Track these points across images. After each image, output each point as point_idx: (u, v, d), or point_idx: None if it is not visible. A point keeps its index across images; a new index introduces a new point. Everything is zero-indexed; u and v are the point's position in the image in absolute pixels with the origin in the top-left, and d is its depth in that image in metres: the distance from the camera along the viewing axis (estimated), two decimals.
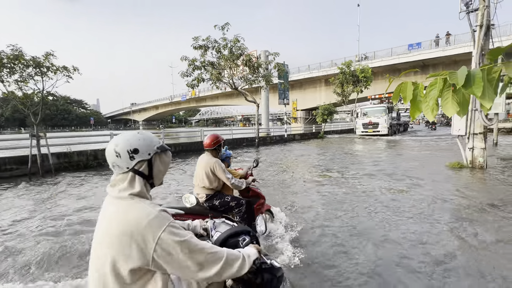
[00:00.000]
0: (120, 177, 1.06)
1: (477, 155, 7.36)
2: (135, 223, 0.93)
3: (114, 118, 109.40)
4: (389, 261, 2.64)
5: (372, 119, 21.48)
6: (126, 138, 1.06)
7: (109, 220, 0.98)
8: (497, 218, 3.68)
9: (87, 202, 4.96)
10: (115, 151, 1.04)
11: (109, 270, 0.92)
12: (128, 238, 0.92)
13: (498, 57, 1.06)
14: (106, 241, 0.96)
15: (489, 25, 6.86)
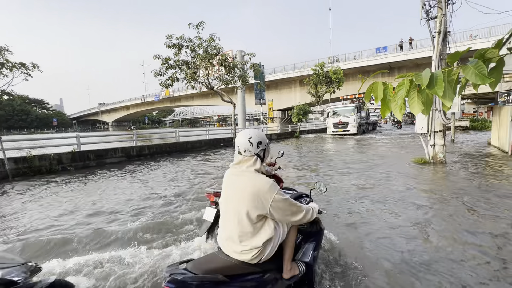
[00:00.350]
0: (247, 158, 1.62)
1: (438, 151, 8.01)
2: (261, 188, 1.52)
3: (80, 119, 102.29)
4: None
5: (342, 119, 21.94)
6: (255, 133, 1.65)
7: (244, 186, 1.56)
8: (453, 203, 4.29)
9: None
10: (249, 141, 1.61)
11: (244, 214, 1.54)
12: (256, 197, 1.52)
13: (456, 60, 1.17)
14: (243, 198, 1.54)
15: (446, 32, 7.50)
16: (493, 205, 4.14)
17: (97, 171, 8.42)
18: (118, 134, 13.99)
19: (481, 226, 3.39)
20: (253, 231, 1.55)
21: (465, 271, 2.42)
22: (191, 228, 3.47)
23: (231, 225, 1.59)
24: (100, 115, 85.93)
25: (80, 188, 6.18)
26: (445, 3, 7.29)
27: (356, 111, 21.87)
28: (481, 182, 5.51)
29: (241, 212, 1.54)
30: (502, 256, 2.64)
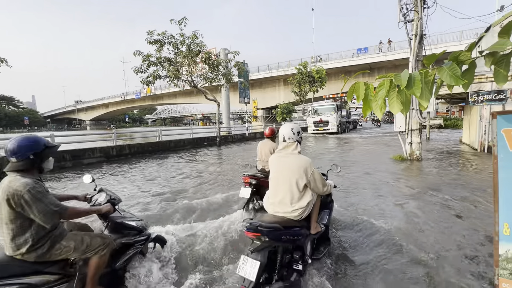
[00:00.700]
0: (290, 144, 2.25)
1: (414, 148, 8.40)
2: (304, 164, 2.13)
3: (55, 118, 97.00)
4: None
5: (323, 117, 21.72)
6: (295, 126, 2.29)
7: (292, 164, 2.16)
8: (427, 195, 4.73)
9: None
10: (292, 131, 2.24)
11: (294, 184, 2.13)
12: (302, 170, 2.11)
13: (432, 62, 1.21)
14: (292, 172, 2.13)
15: (422, 34, 7.86)
16: (446, 186, 4.47)
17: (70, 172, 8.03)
18: (97, 133, 13.38)
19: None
20: (299, 196, 2.17)
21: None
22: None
23: (283, 193, 2.19)
24: (76, 113, 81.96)
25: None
26: (421, 7, 7.63)
27: (336, 110, 21.81)
28: (450, 176, 5.86)
29: (291, 182, 2.16)
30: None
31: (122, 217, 2.40)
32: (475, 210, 3.98)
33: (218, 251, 2.93)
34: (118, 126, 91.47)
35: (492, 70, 1.18)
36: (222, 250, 2.95)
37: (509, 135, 1.45)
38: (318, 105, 23.56)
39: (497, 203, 1.57)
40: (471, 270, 2.51)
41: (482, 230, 3.31)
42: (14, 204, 1.64)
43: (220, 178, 6.73)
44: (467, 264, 2.63)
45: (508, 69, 1.17)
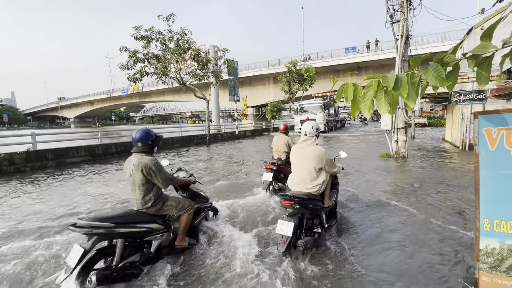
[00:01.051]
0: (310, 137, 2.98)
1: (400, 146, 8.62)
2: (320, 153, 2.84)
3: (36, 115, 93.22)
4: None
5: (309, 116, 20.91)
6: (315, 123, 3.08)
7: (311, 152, 2.87)
8: (410, 189, 4.94)
9: None
10: (312, 128, 3.00)
11: (312, 167, 2.85)
12: (318, 157, 2.83)
13: (418, 64, 1.24)
14: (311, 158, 2.84)
15: (408, 35, 8.05)
16: (428, 181, 4.63)
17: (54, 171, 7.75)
18: (81, 132, 12.97)
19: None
20: (316, 176, 2.89)
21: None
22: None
23: (304, 174, 2.92)
24: (59, 110, 79.02)
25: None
26: (407, 8, 7.80)
27: (323, 108, 21.46)
28: (433, 171, 6.08)
29: (310, 167, 2.87)
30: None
31: (196, 189, 3.34)
32: (445, 201, 4.15)
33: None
34: (104, 124, 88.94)
35: (475, 71, 1.22)
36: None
37: (489, 134, 1.52)
38: (305, 103, 23.16)
39: (478, 200, 1.63)
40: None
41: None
42: (146, 173, 2.42)
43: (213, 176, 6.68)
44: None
45: (490, 71, 1.21)
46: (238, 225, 3.59)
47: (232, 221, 3.70)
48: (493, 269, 1.63)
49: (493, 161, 1.52)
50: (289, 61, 25.71)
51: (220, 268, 2.57)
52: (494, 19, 8.56)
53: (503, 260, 1.59)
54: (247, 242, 2.97)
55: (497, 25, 1.12)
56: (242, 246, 2.88)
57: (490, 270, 1.66)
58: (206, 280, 2.41)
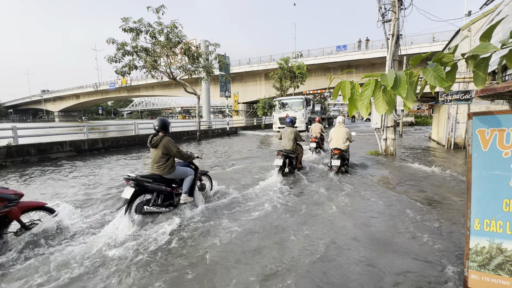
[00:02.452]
0: (341, 124, 6.56)
1: (389, 144, 8.78)
2: (347, 131, 6.45)
3: (18, 108, 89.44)
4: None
5: (289, 113, 18.85)
6: (343, 118, 6.88)
7: (342, 130, 6.42)
8: (398, 183, 4.77)
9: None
10: (343, 120, 6.68)
11: (343, 137, 6.37)
12: (346, 133, 6.40)
13: (417, 63, 1.22)
14: (342, 133, 6.39)
15: (398, 35, 8.14)
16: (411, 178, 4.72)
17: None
18: (66, 126, 12.51)
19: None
20: (345, 140, 6.31)
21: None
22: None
23: (340, 140, 6.30)
24: (43, 103, 76.07)
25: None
26: (398, 7, 7.87)
27: (305, 105, 19.22)
28: (419, 169, 6.23)
29: (343, 137, 6.31)
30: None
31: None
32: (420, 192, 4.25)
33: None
34: (90, 118, 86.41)
35: (466, 71, 1.21)
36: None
37: (483, 135, 1.53)
38: (285, 98, 21.05)
39: (470, 200, 1.65)
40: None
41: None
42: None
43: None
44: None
45: (487, 72, 1.20)
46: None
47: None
48: (482, 268, 1.66)
49: (485, 162, 1.54)
50: (281, 58, 25.66)
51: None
52: (481, 21, 8.78)
53: (492, 259, 1.62)
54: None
55: (496, 26, 1.11)
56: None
57: (479, 269, 1.69)
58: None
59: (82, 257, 2.65)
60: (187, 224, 3.50)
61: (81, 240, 3.04)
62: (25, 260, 2.62)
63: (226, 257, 2.68)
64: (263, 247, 2.89)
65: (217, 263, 2.58)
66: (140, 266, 2.53)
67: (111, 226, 3.25)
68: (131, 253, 2.73)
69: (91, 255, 2.68)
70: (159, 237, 3.08)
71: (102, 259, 2.63)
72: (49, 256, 2.66)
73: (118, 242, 2.95)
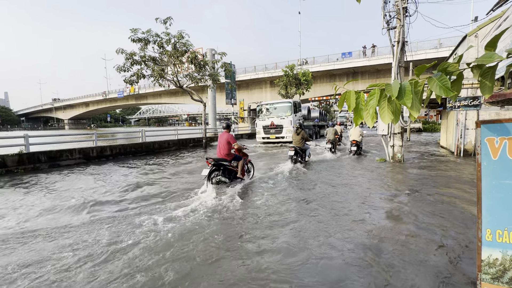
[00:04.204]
0: (358, 127, 10.81)
1: (396, 151, 8.66)
2: (361, 130, 11.03)
3: (30, 116, 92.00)
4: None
5: (275, 121, 15.42)
6: (360, 130, 11.21)
7: (357, 130, 10.67)
8: (403, 192, 4.59)
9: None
10: (361, 128, 13.14)
11: (358, 133, 10.77)
12: (360, 131, 10.80)
13: (422, 72, 1.22)
14: (357, 131, 10.69)
15: (404, 41, 8.13)
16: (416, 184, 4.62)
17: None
18: (75, 134, 12.78)
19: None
20: (359, 135, 10.68)
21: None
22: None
23: (355, 136, 10.64)
24: (54, 111, 78.10)
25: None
26: (403, 15, 7.90)
27: (294, 110, 15.57)
28: (427, 178, 6.10)
29: (358, 134, 10.66)
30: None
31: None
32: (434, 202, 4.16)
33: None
34: (99, 125, 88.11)
35: (471, 77, 1.20)
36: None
37: (492, 144, 1.51)
38: (269, 102, 17.16)
39: (480, 210, 1.61)
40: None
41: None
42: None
43: None
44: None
45: (494, 81, 1.19)
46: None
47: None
48: (495, 280, 1.61)
49: (495, 171, 1.51)
50: (286, 65, 25.86)
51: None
52: (488, 27, 8.71)
53: (506, 271, 1.57)
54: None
55: (501, 35, 1.11)
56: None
57: (492, 281, 1.64)
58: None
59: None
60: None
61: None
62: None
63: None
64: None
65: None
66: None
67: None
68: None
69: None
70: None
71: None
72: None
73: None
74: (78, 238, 3.32)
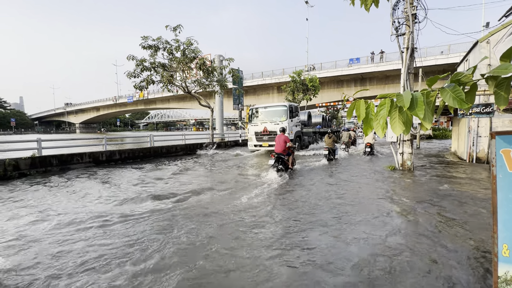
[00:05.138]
0: (372, 133, 11.91)
1: (406, 158, 8.49)
2: (373, 133, 11.97)
3: (43, 120, 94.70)
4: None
5: (268, 126, 13.54)
6: (373, 135, 12.95)
7: (371, 134, 11.82)
8: (411, 202, 4.35)
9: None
10: (374, 132, 11.83)
11: (372, 136, 12.57)
12: (373, 134, 11.84)
13: (434, 83, 1.20)
14: (372, 133, 11.78)
15: (413, 48, 8.06)
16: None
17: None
18: (86, 138, 13.05)
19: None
20: (372, 138, 12.37)
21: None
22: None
23: (369, 139, 12.32)
24: (66, 116, 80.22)
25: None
26: (412, 21, 7.84)
27: (291, 115, 13.53)
28: (438, 187, 5.94)
29: (371, 137, 12.33)
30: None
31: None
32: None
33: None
34: (109, 129, 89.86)
35: (483, 84, 1.17)
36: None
37: (508, 155, 1.46)
38: (262, 106, 14.78)
39: (496, 225, 1.55)
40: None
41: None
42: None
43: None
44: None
45: (509, 92, 1.16)
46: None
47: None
48: None
49: (511, 184, 1.45)
50: (294, 71, 25.92)
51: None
52: (500, 33, 8.55)
53: None
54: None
55: None
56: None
57: None
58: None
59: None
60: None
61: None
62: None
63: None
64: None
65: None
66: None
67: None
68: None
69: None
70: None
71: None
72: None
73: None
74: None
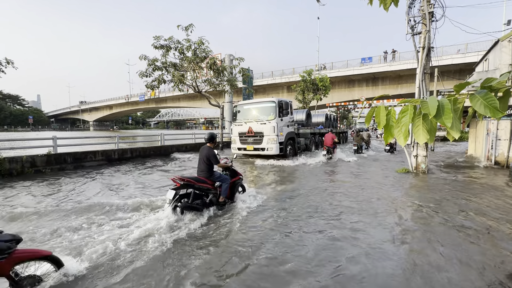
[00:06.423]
0: (370, 133, 18.46)
1: (420, 161, 8.24)
2: (368, 134, 16.32)
3: (59, 117, 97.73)
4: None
5: (253, 126, 11.26)
6: (367, 133, 16.58)
7: (364, 134, 15.64)
8: (419, 209, 4.20)
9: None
10: (369, 134, 16.61)
11: (366, 136, 15.88)
12: (367, 136, 16.04)
13: (462, 90, 1.12)
14: (365, 135, 15.43)
15: (430, 47, 7.79)
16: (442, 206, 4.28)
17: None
18: (100, 136, 13.35)
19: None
20: (367, 137, 15.83)
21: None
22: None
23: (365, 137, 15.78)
24: (80, 113, 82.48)
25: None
26: (429, 20, 7.57)
27: (279, 112, 10.98)
28: (457, 195, 5.70)
29: (364, 136, 15.45)
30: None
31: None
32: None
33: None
34: (121, 127, 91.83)
35: None
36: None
37: None
38: (247, 102, 12.40)
39: None
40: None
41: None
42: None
43: None
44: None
45: None
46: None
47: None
48: None
49: None
50: (304, 70, 25.65)
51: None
52: None
53: None
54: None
55: None
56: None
57: None
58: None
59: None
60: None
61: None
62: None
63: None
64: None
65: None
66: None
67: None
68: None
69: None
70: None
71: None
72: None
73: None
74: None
